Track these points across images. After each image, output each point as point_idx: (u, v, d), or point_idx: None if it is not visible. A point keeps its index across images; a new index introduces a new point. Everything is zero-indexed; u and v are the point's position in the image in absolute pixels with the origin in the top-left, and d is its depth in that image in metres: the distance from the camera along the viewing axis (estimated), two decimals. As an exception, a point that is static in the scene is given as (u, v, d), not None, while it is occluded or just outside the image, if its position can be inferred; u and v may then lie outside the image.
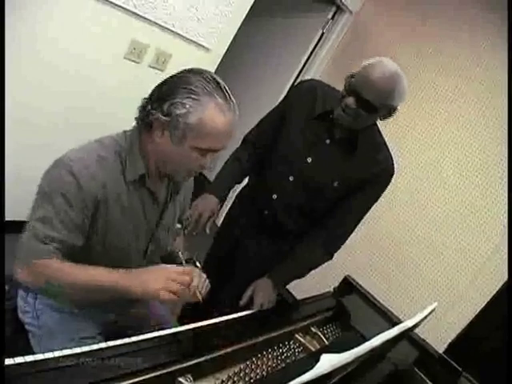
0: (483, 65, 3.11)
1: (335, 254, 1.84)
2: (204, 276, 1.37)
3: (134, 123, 1.31)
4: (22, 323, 1.39)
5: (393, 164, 1.79)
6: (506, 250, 2.80)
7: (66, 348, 1.10)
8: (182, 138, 1.17)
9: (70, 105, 2.50)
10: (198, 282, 1.27)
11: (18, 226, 1.28)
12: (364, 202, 1.84)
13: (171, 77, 1.23)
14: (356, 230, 1.84)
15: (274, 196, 1.84)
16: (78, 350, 1.03)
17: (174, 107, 1.16)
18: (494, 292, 2.78)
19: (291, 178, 1.81)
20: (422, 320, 1.37)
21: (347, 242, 1.83)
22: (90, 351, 1.02)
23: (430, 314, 1.42)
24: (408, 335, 1.67)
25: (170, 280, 1.15)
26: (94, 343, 1.18)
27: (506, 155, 2.93)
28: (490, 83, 3.07)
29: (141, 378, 1.00)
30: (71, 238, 1.21)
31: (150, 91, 1.28)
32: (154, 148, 1.25)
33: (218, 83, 1.19)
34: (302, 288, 1.95)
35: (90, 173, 1.18)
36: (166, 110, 1.16)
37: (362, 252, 3.48)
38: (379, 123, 1.77)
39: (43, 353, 1.17)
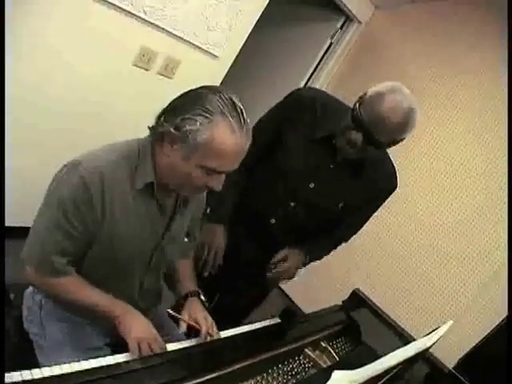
0: (500, 80, 3.08)
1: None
2: (210, 320, 1.40)
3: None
4: (27, 332, 1.36)
5: (396, 175, 1.77)
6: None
7: (73, 359, 1.09)
8: (190, 154, 1.16)
9: (77, 110, 2.49)
10: (207, 326, 1.36)
11: (20, 232, 1.28)
12: (367, 212, 1.87)
13: (188, 91, 1.21)
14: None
15: (272, 221, 1.80)
16: (86, 365, 1.00)
17: (186, 123, 1.14)
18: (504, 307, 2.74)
19: (292, 204, 1.76)
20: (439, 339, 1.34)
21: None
22: (98, 367, 0.98)
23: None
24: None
25: (145, 340, 1.21)
26: (101, 354, 1.19)
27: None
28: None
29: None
30: (79, 246, 1.25)
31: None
32: (163, 159, 1.24)
33: (235, 105, 1.16)
34: (309, 302, 1.92)
35: (97, 175, 1.18)
36: (177, 124, 1.15)
37: (367, 267, 3.46)
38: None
39: (49, 364, 1.16)
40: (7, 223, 1.52)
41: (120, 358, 1.14)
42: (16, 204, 2.22)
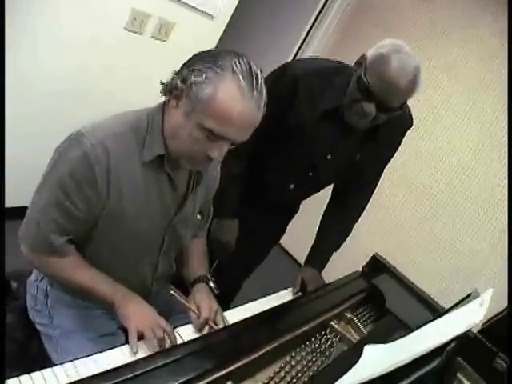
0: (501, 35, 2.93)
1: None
2: (214, 309, 1.31)
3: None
4: (33, 323, 1.28)
5: (411, 114, 1.71)
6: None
7: (86, 348, 1.06)
8: (191, 110, 1.05)
9: (71, 81, 2.37)
10: (207, 316, 1.27)
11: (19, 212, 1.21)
12: (385, 158, 1.82)
13: (208, 50, 1.11)
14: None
15: (291, 186, 1.78)
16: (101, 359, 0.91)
17: (192, 74, 1.04)
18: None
19: (311, 174, 1.75)
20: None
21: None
22: (118, 368, 0.89)
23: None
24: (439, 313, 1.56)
25: (147, 326, 1.14)
26: (115, 340, 1.15)
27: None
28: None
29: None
30: (80, 226, 1.16)
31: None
32: (168, 120, 1.13)
33: (251, 68, 1.04)
34: (326, 270, 1.85)
35: (102, 149, 1.08)
36: (184, 75, 1.05)
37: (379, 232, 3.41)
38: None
39: (59, 355, 1.13)
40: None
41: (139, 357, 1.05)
42: (13, 184, 2.13)
